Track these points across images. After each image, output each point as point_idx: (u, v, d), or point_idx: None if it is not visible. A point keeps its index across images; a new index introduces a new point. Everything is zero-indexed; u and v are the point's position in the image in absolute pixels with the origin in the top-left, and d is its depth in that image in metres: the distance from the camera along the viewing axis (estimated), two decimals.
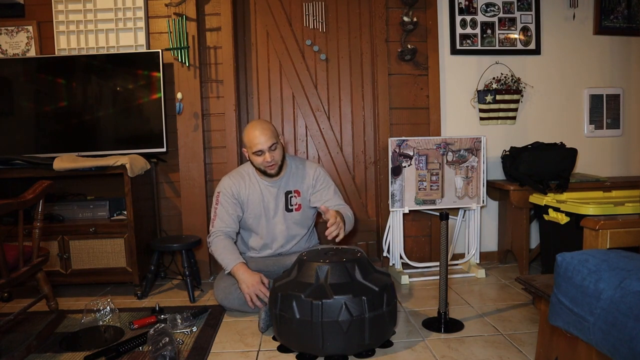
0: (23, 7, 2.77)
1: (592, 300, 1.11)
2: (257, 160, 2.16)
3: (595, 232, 1.75)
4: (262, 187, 2.26)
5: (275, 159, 2.15)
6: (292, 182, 2.29)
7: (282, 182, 2.27)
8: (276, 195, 2.27)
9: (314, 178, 2.30)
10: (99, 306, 2.12)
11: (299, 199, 2.29)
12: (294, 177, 2.29)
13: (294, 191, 2.29)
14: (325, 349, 1.64)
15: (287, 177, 2.28)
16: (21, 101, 2.66)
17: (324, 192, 2.29)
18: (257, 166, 2.19)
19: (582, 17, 2.99)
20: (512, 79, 2.90)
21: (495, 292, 2.42)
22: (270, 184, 2.26)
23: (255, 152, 2.13)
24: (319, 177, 2.30)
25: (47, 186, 1.91)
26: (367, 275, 1.75)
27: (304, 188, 2.30)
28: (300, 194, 2.30)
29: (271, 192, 2.26)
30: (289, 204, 2.29)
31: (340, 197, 2.34)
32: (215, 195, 2.26)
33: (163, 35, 2.77)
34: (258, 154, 2.14)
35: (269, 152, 2.13)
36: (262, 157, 2.13)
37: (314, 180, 2.30)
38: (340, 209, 2.20)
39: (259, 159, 2.15)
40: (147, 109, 2.67)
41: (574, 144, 2.84)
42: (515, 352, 1.70)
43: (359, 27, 2.97)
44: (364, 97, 3.00)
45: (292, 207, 2.29)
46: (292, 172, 2.29)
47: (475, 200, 2.69)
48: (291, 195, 2.29)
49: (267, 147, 2.11)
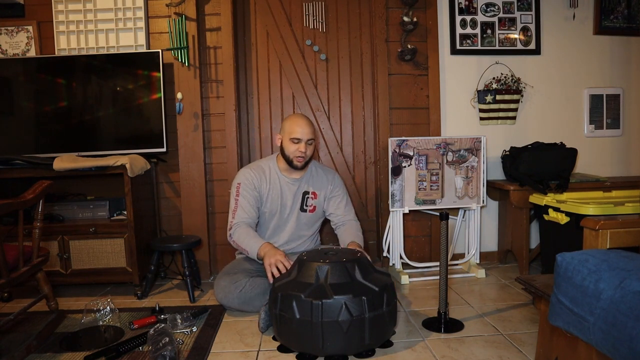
0: (23, 7, 2.77)
1: (592, 300, 1.11)
2: (290, 148, 2.20)
3: (595, 232, 1.75)
4: (283, 183, 2.30)
5: (307, 153, 2.21)
6: (311, 183, 2.34)
7: (302, 181, 2.33)
8: (295, 193, 2.31)
9: (332, 184, 2.37)
10: (99, 306, 2.12)
11: (314, 200, 2.34)
12: (313, 179, 2.35)
13: (312, 192, 2.34)
14: (325, 349, 1.64)
15: (307, 177, 2.34)
16: (21, 101, 2.66)
17: (337, 200, 2.37)
18: (287, 154, 2.22)
19: (582, 17, 2.99)
20: (512, 79, 2.90)
21: (495, 292, 2.42)
22: (291, 181, 2.30)
23: (293, 138, 2.18)
24: (336, 185, 2.38)
25: (47, 186, 1.91)
26: (367, 275, 1.75)
27: (321, 191, 2.35)
28: (317, 196, 2.35)
29: (291, 189, 2.30)
30: (304, 204, 2.33)
31: (351, 208, 2.42)
32: (235, 187, 2.26)
33: (163, 35, 2.77)
34: (295, 141, 2.18)
35: (306, 144, 2.19)
36: (298, 145, 2.18)
37: (332, 186, 2.37)
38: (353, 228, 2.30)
39: (293, 147, 2.19)
40: (147, 109, 2.67)
41: (574, 144, 2.84)
42: (515, 352, 1.70)
43: (359, 27, 2.97)
44: (364, 97, 3.00)
45: (306, 208, 2.34)
46: (312, 174, 2.36)
47: (475, 200, 2.69)
48: (308, 196, 2.33)
49: (306, 138, 2.18)
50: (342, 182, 2.43)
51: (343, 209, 2.36)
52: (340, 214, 2.36)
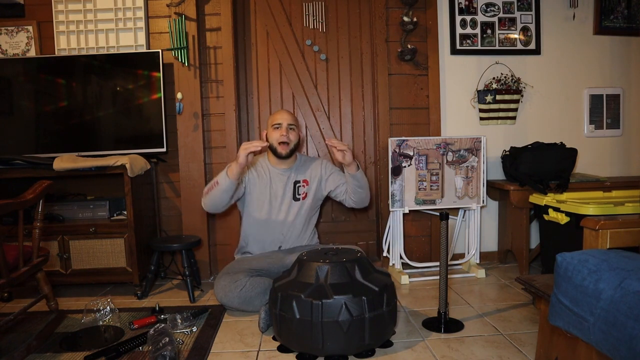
0: (23, 7, 2.77)
1: (592, 300, 1.11)
2: (273, 135, 2.30)
3: (595, 232, 1.75)
4: (273, 175, 2.37)
5: (290, 138, 2.30)
6: (300, 172, 2.41)
7: (291, 171, 2.39)
8: (285, 183, 2.37)
9: (322, 165, 2.45)
10: (99, 306, 2.12)
11: (306, 188, 2.40)
12: (302, 168, 2.43)
13: (303, 180, 2.40)
14: (325, 349, 1.64)
15: (296, 166, 2.41)
16: (21, 101, 2.66)
17: (335, 175, 2.42)
18: (271, 142, 2.30)
19: (582, 17, 2.99)
20: (512, 79, 2.90)
21: (495, 292, 2.42)
22: (281, 171, 2.37)
23: (274, 124, 2.30)
24: (326, 165, 2.46)
25: (47, 186, 1.91)
26: (367, 275, 1.75)
27: (312, 177, 2.41)
28: (309, 183, 2.41)
29: (281, 179, 2.37)
30: (296, 193, 2.39)
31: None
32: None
33: (163, 35, 2.77)
34: (276, 126, 2.29)
35: (287, 129, 2.28)
36: (279, 131, 2.28)
37: (323, 167, 2.44)
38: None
39: (275, 133, 2.29)
40: (147, 109, 2.67)
41: (574, 144, 2.84)
42: (515, 352, 1.70)
43: (359, 27, 2.97)
44: (364, 97, 3.00)
45: (299, 197, 2.39)
46: (300, 163, 2.44)
47: (475, 200, 2.69)
48: (299, 185, 2.40)
49: (286, 123, 2.29)
50: (329, 162, 2.49)
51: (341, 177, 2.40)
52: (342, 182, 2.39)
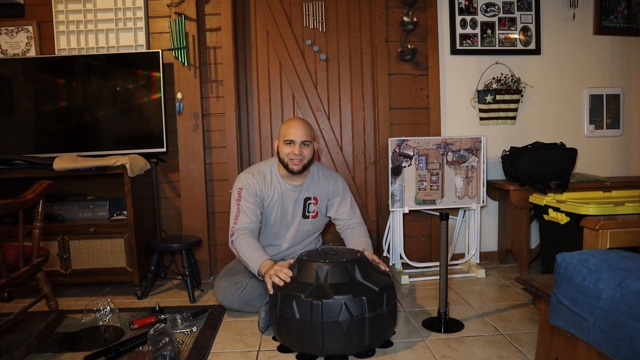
0: (23, 7, 2.77)
1: (592, 300, 1.11)
2: (284, 150, 2.12)
3: (595, 232, 1.75)
4: (284, 190, 2.21)
5: (304, 155, 2.12)
6: (312, 188, 2.26)
7: (302, 187, 2.24)
8: (296, 200, 2.24)
9: (333, 190, 2.29)
10: (99, 306, 2.12)
11: (316, 206, 2.28)
12: (314, 185, 2.27)
13: (313, 198, 2.26)
14: (325, 349, 1.64)
15: (308, 183, 2.25)
16: (21, 101, 2.66)
17: (337, 205, 2.29)
18: (282, 157, 2.14)
19: (582, 17, 2.99)
20: (512, 79, 2.90)
21: (495, 292, 2.42)
22: (292, 188, 2.22)
23: (287, 140, 2.11)
24: (337, 190, 2.30)
25: (47, 186, 1.91)
26: (367, 275, 1.75)
27: (323, 196, 2.28)
28: (319, 201, 2.28)
29: (292, 196, 2.23)
30: (306, 210, 2.26)
31: (356, 211, 2.33)
32: (237, 191, 2.17)
33: (163, 35, 2.77)
34: (288, 142, 2.11)
35: (300, 146, 2.10)
36: (291, 147, 2.10)
37: (332, 192, 2.29)
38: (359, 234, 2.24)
39: (287, 149, 2.11)
40: (147, 109, 2.67)
41: (574, 144, 2.84)
42: (515, 352, 1.70)
43: (359, 27, 2.97)
44: (364, 97, 3.00)
45: (308, 214, 2.27)
46: (313, 178, 2.27)
47: (475, 200, 2.69)
48: (310, 202, 2.26)
49: (300, 140, 2.10)
50: (344, 185, 2.34)
51: (347, 212, 2.29)
52: (344, 218, 2.30)
